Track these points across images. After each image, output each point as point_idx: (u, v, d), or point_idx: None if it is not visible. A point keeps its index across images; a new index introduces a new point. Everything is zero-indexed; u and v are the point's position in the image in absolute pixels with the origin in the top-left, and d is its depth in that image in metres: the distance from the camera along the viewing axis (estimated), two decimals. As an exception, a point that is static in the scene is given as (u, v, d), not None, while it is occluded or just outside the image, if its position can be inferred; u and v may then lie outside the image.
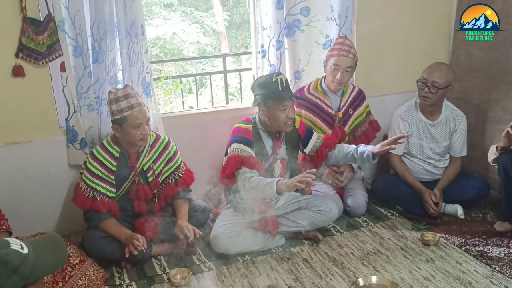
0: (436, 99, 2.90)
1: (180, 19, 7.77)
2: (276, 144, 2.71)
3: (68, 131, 2.82)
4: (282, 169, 2.71)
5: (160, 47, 7.83)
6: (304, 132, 2.80)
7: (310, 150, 2.80)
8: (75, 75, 2.72)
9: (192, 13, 7.91)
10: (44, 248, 1.32)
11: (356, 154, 2.70)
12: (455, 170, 3.08)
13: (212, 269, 2.57)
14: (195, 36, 7.79)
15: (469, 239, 2.72)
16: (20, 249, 1.26)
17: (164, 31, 7.63)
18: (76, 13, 2.62)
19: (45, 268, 1.29)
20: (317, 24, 3.19)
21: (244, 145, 2.59)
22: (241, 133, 2.65)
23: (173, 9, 7.82)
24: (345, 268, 2.53)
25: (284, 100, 2.56)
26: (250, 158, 2.56)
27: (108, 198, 2.58)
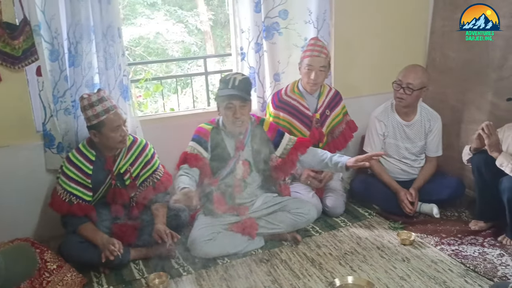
0: (411, 100, 2.95)
1: (164, 18, 7.74)
2: (239, 146, 2.73)
3: (45, 136, 2.80)
4: (244, 170, 2.73)
5: (144, 46, 7.79)
6: (274, 134, 2.82)
7: (281, 152, 2.82)
8: (51, 79, 2.70)
9: (176, 12, 7.87)
10: (15, 259, 1.32)
11: (330, 163, 2.73)
12: (431, 170, 3.14)
13: (190, 272, 2.57)
14: (179, 36, 7.77)
15: (444, 238, 2.77)
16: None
17: (147, 31, 7.58)
18: (52, 17, 2.60)
19: (16, 278, 1.29)
20: (295, 27, 3.21)
21: (197, 144, 2.67)
22: (199, 133, 2.72)
23: (157, 8, 7.78)
24: (322, 268, 2.56)
25: (231, 99, 2.60)
26: (195, 156, 2.63)
27: (85, 202, 2.57)
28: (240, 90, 2.60)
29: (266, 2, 3.06)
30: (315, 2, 3.16)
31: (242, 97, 2.60)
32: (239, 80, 2.60)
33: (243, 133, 2.74)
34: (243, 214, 2.76)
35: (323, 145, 3.14)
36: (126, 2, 7.76)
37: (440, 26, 3.49)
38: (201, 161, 2.65)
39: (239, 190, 2.75)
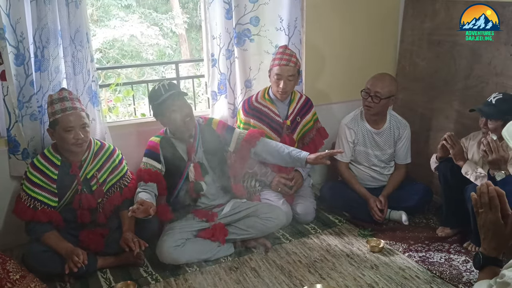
0: (379, 108, 2.98)
1: (138, 21, 7.67)
2: (191, 149, 2.73)
3: (9, 141, 2.73)
4: (195, 173, 2.73)
5: (118, 48, 7.70)
6: (223, 131, 2.84)
7: (234, 147, 2.85)
8: (16, 84, 2.64)
9: (151, 15, 7.81)
10: None
11: (289, 158, 2.79)
12: (400, 177, 3.18)
13: (159, 281, 2.54)
14: (154, 39, 7.70)
15: (413, 245, 2.81)
16: None
17: (122, 33, 7.50)
18: (17, 21, 2.54)
19: None
20: (266, 33, 3.22)
21: (149, 159, 2.70)
22: (149, 147, 2.74)
23: (131, 11, 7.71)
24: (292, 276, 2.56)
25: (171, 101, 2.61)
26: (148, 171, 2.66)
27: (50, 207, 2.52)
28: (174, 90, 2.64)
29: (237, 9, 3.05)
30: (286, 10, 3.17)
31: (180, 94, 2.65)
32: (167, 85, 2.64)
33: (193, 136, 2.74)
34: (212, 220, 2.75)
35: (294, 152, 3.15)
36: (100, 4, 7.68)
37: (409, 34, 3.55)
38: (155, 174, 2.67)
39: (197, 193, 2.74)
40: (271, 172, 3.12)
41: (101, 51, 7.54)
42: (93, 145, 2.64)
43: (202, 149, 2.78)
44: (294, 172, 3.17)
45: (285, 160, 2.81)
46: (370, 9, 3.55)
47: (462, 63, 3.14)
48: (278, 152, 2.80)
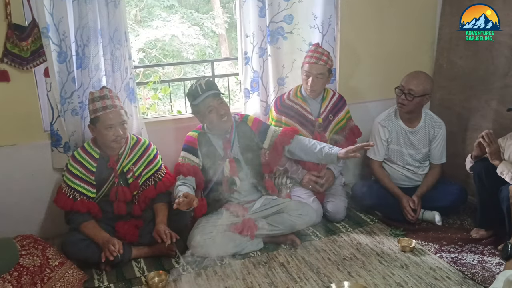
0: (412, 106, 2.94)
1: (180, 21, 7.83)
2: (227, 145, 2.78)
3: (52, 135, 2.87)
4: (230, 169, 2.78)
5: (160, 48, 7.90)
6: (259, 128, 2.89)
7: (268, 144, 2.89)
8: (59, 81, 2.77)
9: (192, 15, 7.96)
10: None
11: (321, 155, 2.78)
12: (434, 177, 3.12)
13: (190, 272, 2.61)
14: (194, 38, 7.85)
15: (445, 246, 2.76)
16: None
17: (163, 33, 7.68)
18: (60, 20, 2.67)
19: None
20: (300, 31, 3.24)
21: (187, 153, 2.77)
22: (188, 142, 2.81)
23: (174, 11, 7.88)
24: (320, 273, 2.57)
25: (208, 101, 2.67)
26: (187, 165, 2.73)
27: (89, 198, 2.64)
28: (212, 90, 2.69)
29: (271, 7, 3.09)
30: (320, 7, 3.19)
31: (217, 94, 2.70)
32: (204, 84, 2.70)
33: (229, 132, 2.79)
34: (242, 215, 2.79)
35: (325, 150, 3.16)
36: (143, 4, 7.89)
37: (447, 32, 3.48)
38: (194, 168, 2.74)
39: (230, 188, 2.79)
40: (302, 169, 3.14)
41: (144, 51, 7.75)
42: (130, 140, 2.75)
43: (237, 145, 2.83)
44: (326, 170, 3.18)
45: (318, 157, 2.82)
46: (407, 6, 3.50)
47: (500, 62, 3.05)
48: (311, 149, 2.81)
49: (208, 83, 2.72)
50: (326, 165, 3.19)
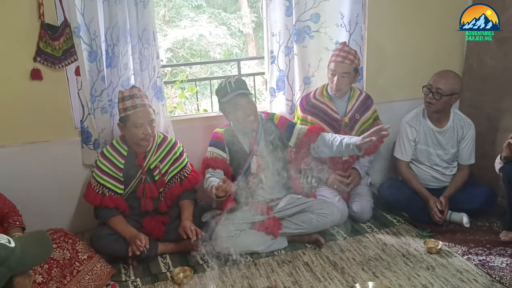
0: (440, 106, 2.90)
1: (207, 21, 7.91)
2: (253, 142, 2.80)
3: (82, 132, 2.95)
4: (258, 166, 2.80)
5: (188, 48, 7.99)
6: (285, 126, 2.89)
7: (294, 142, 2.89)
8: (89, 79, 2.84)
9: (220, 15, 8.03)
10: (30, 243, 1.43)
11: (342, 148, 2.76)
12: (463, 178, 3.07)
13: (214, 269, 2.64)
14: (222, 38, 7.91)
15: (473, 248, 2.71)
16: (7, 243, 1.35)
17: (191, 33, 7.77)
18: (91, 20, 2.74)
19: (30, 261, 1.39)
20: (326, 30, 3.23)
21: (216, 148, 2.79)
22: (215, 138, 2.83)
23: (201, 11, 7.96)
24: (344, 273, 2.56)
25: (236, 100, 2.69)
26: (215, 159, 2.75)
27: (117, 194, 2.70)
28: (240, 89, 2.71)
29: (297, 6, 3.09)
30: (347, 6, 3.17)
31: (245, 94, 2.72)
32: (233, 82, 2.72)
33: (255, 130, 2.80)
34: (267, 213, 2.81)
35: (352, 149, 3.14)
36: (172, 5, 8.00)
37: (478, 31, 3.41)
38: (222, 162, 2.77)
39: (256, 186, 2.80)
40: (327, 169, 3.13)
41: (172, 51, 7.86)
42: (157, 138, 2.80)
43: (263, 143, 2.84)
44: (352, 169, 3.16)
45: (340, 150, 2.79)
46: (436, 4, 3.44)
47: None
48: (333, 143, 2.80)
49: (238, 81, 2.74)
50: (352, 165, 3.17)
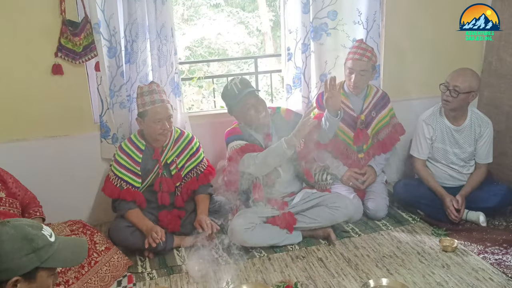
0: (457, 104, 2.87)
1: (226, 19, 7.95)
2: (267, 138, 2.81)
3: (101, 127, 3.00)
4: None
5: (206, 46, 8.04)
6: (291, 117, 2.90)
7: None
8: (108, 75, 2.89)
9: (238, 14, 8.06)
10: (68, 246, 1.47)
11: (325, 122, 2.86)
12: (480, 177, 3.04)
13: (229, 263, 2.67)
14: (239, 37, 7.95)
15: (489, 247, 2.69)
16: (49, 236, 1.41)
17: (209, 31, 7.82)
18: (111, 16, 2.79)
19: (61, 260, 1.43)
20: (344, 27, 3.23)
21: (239, 140, 2.76)
22: (231, 134, 2.82)
23: (220, 9, 8.00)
24: (358, 269, 2.56)
25: (245, 100, 2.69)
26: (248, 145, 2.73)
27: (134, 188, 2.74)
28: (246, 88, 2.71)
29: (314, 3, 3.09)
30: (365, 3, 3.16)
31: (252, 92, 2.72)
32: (239, 82, 2.72)
33: (267, 125, 2.81)
34: (282, 208, 2.82)
35: (367, 147, 3.14)
36: (191, 3, 8.06)
37: (498, 28, 3.37)
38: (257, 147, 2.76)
39: (272, 179, 2.81)
40: (343, 166, 3.13)
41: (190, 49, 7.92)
42: (174, 133, 2.84)
43: (276, 137, 2.85)
44: (367, 167, 3.16)
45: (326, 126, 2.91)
46: (455, 1, 3.40)
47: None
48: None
49: (243, 81, 2.75)
50: (367, 162, 3.17)
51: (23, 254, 1.34)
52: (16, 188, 2.56)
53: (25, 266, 1.34)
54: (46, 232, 1.42)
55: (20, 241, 1.34)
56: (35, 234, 1.38)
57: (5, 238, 1.33)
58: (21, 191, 2.58)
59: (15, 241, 1.34)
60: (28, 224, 1.40)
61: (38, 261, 1.36)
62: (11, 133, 2.89)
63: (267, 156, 2.66)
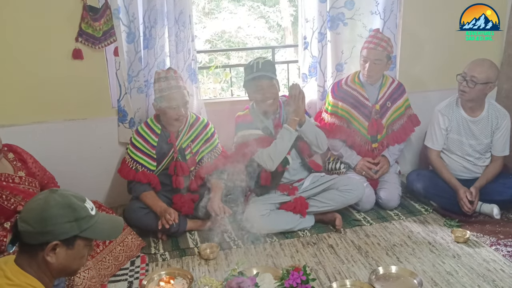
0: (474, 94, 2.85)
1: (246, 13, 7.97)
2: (277, 124, 2.83)
3: (119, 111, 3.07)
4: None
5: (226, 40, 8.08)
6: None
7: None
8: (127, 60, 2.95)
9: (259, 8, 8.07)
10: (106, 221, 1.55)
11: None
12: (495, 170, 3.01)
13: (240, 247, 2.71)
14: (260, 31, 7.96)
15: (502, 239, 2.67)
16: (91, 209, 1.49)
17: (230, 25, 7.86)
18: (130, 2, 2.84)
19: (98, 233, 1.51)
20: (361, 17, 3.23)
21: (249, 130, 2.80)
22: (241, 121, 2.85)
23: (241, 4, 8.03)
24: (368, 256, 2.58)
25: (258, 81, 2.70)
26: (259, 139, 2.77)
27: (149, 170, 2.80)
28: (265, 71, 2.71)
29: (332, -7, 3.10)
30: (383, -7, 3.16)
31: (268, 76, 2.72)
32: (262, 63, 2.73)
33: (278, 113, 2.84)
34: (292, 194, 2.85)
35: (381, 137, 3.14)
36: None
37: (519, 21, 3.33)
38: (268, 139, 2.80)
39: (282, 167, 2.82)
40: (356, 155, 3.14)
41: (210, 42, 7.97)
42: (189, 118, 2.88)
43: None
44: (381, 157, 3.16)
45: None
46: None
47: None
48: None
49: (266, 64, 2.76)
50: (381, 152, 3.17)
51: (66, 220, 1.41)
52: (35, 168, 2.63)
53: (66, 232, 1.42)
54: (88, 205, 1.50)
55: (65, 208, 1.42)
56: (79, 205, 1.45)
57: (53, 204, 1.42)
58: (40, 171, 2.65)
59: (60, 208, 1.42)
60: (74, 195, 1.48)
61: (78, 229, 1.44)
62: (32, 116, 2.98)
63: (277, 145, 2.72)
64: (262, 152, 2.73)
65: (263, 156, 2.73)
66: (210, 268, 2.53)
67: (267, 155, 2.73)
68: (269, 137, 2.80)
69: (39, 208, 1.41)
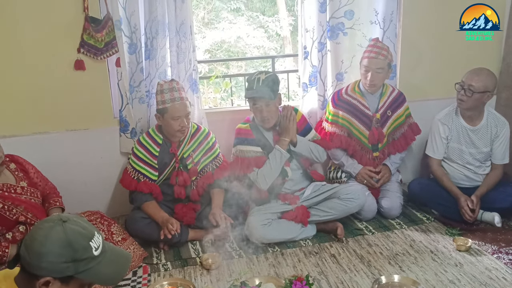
0: (471, 103, 2.87)
1: (246, 23, 8.02)
2: (277, 137, 2.85)
3: (121, 121, 3.08)
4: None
5: (225, 50, 8.13)
6: (303, 126, 2.94)
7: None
8: (128, 70, 2.97)
9: (258, 18, 8.13)
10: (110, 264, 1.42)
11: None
12: (496, 178, 3.02)
13: (242, 256, 2.70)
14: (259, 40, 8.01)
15: (503, 247, 2.67)
16: (95, 249, 1.37)
17: (229, 35, 7.91)
18: (132, 13, 2.86)
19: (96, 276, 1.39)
20: (360, 27, 3.25)
21: (248, 146, 2.83)
22: (241, 134, 2.87)
23: (240, 14, 8.08)
24: (371, 266, 2.57)
25: (256, 100, 2.73)
26: (256, 159, 2.81)
27: (151, 180, 2.80)
28: (264, 90, 2.70)
29: (332, 3, 3.13)
30: (382, 3, 3.19)
31: (265, 98, 2.72)
32: (262, 80, 2.72)
33: (279, 124, 2.85)
34: (294, 203, 2.86)
35: (382, 146, 3.15)
36: (211, 7, 8.16)
37: (517, 29, 3.35)
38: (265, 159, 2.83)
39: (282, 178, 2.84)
40: (357, 164, 3.15)
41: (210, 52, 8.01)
42: (191, 128, 2.89)
43: None
44: (382, 165, 3.17)
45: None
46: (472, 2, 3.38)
47: None
48: None
49: (267, 80, 2.72)
50: (382, 161, 3.18)
51: (62, 260, 1.32)
52: (37, 178, 2.64)
53: (59, 271, 1.33)
54: (94, 244, 1.38)
55: (65, 247, 1.32)
56: (81, 245, 1.35)
57: (54, 239, 1.32)
58: (42, 182, 2.66)
59: (60, 246, 1.32)
60: (82, 229, 1.37)
61: (74, 271, 1.34)
62: (34, 126, 2.98)
63: (269, 165, 2.78)
64: (257, 172, 2.78)
65: (257, 177, 2.78)
66: (212, 278, 2.52)
67: (261, 175, 2.78)
68: (266, 158, 2.82)
69: (39, 240, 1.32)
